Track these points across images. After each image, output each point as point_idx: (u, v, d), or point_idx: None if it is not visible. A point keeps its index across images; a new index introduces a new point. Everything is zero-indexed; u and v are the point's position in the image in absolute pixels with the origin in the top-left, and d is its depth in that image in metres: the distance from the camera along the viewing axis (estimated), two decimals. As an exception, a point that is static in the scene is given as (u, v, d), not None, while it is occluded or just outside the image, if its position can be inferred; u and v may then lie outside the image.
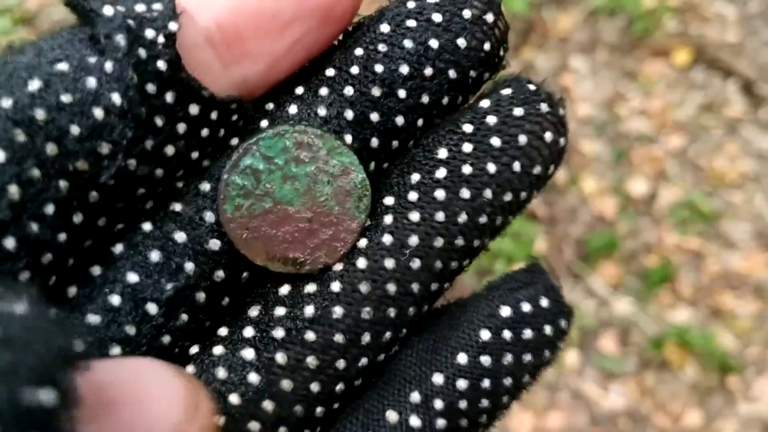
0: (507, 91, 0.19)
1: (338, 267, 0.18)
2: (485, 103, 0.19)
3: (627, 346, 1.08)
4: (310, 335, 0.18)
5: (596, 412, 1.03)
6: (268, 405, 0.17)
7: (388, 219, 0.18)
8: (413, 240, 0.18)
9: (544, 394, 1.03)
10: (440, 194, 0.18)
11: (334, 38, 0.19)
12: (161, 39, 0.17)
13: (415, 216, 0.18)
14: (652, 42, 1.33)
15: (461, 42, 0.19)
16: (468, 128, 0.19)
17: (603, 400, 1.04)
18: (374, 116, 0.19)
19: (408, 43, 0.19)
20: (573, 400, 1.04)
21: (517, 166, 0.19)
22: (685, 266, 1.14)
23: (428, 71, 0.19)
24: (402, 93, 0.19)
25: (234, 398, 0.17)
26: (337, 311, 0.18)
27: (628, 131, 1.24)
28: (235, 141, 0.19)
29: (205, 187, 0.18)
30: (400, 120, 0.19)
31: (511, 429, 1.01)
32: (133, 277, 0.17)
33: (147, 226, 0.18)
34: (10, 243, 0.15)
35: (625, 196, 1.18)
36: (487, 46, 0.19)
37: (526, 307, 0.19)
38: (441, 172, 0.19)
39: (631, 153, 1.22)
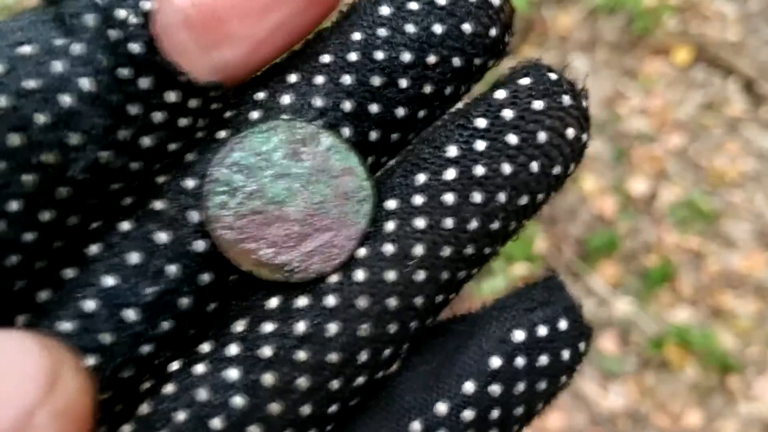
0: (525, 81, 0.18)
1: (334, 279, 0.17)
2: (501, 94, 0.17)
3: (627, 345, 1.08)
4: (301, 354, 0.16)
5: (596, 412, 1.03)
6: (254, 430, 0.16)
7: (390, 225, 0.17)
8: (418, 250, 0.16)
9: (543, 394, 1.03)
10: (449, 198, 0.17)
11: (319, 22, 0.17)
12: (135, 19, 0.15)
13: (420, 223, 0.17)
14: (652, 40, 1.33)
15: (467, 27, 0.17)
16: (481, 123, 0.17)
17: (603, 400, 1.03)
18: (374, 107, 0.17)
19: (410, 28, 0.17)
20: (572, 400, 1.03)
21: (535, 166, 0.17)
22: (685, 266, 1.13)
23: (432, 59, 0.17)
24: (404, 82, 0.17)
25: (217, 423, 0.16)
26: (332, 328, 0.16)
27: (628, 130, 1.24)
28: (222, 134, 0.17)
29: (190, 183, 0.17)
30: (401, 111, 0.17)
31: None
32: (109, 281, 0.16)
33: (125, 226, 0.16)
34: None
35: (625, 196, 1.18)
36: (493, 31, 0.18)
37: (542, 330, 0.17)
38: (450, 173, 0.17)
39: (631, 152, 1.22)
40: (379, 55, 0.17)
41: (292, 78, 0.17)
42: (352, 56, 0.17)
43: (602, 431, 1.02)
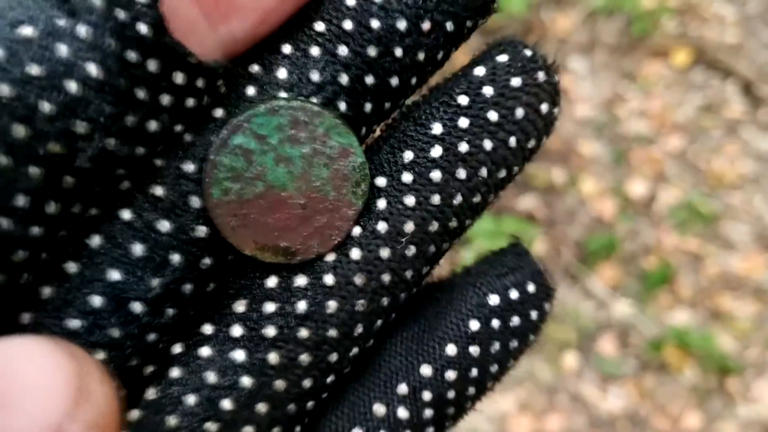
0: (503, 58, 0.18)
1: (330, 258, 0.17)
2: (480, 71, 0.18)
3: (626, 348, 1.08)
4: (303, 332, 0.17)
5: (595, 414, 1.03)
6: (262, 407, 0.16)
7: (381, 204, 0.17)
8: (409, 226, 0.17)
9: (543, 397, 1.03)
10: (436, 175, 0.17)
11: None
12: None
13: (410, 200, 0.17)
14: (651, 43, 1.33)
15: None
16: (463, 100, 0.18)
17: (602, 403, 1.03)
18: (369, 79, 0.17)
19: None
20: (572, 402, 1.03)
21: (513, 141, 0.18)
22: (684, 268, 1.14)
23: (426, 25, 0.17)
24: (398, 51, 0.17)
25: (227, 404, 0.16)
26: (331, 305, 0.17)
27: (627, 132, 1.24)
28: (219, 112, 0.17)
29: (189, 167, 0.16)
30: (394, 81, 0.17)
31: None
32: (114, 275, 0.16)
33: (126, 215, 0.16)
34: None
35: (624, 198, 1.18)
36: None
37: (514, 294, 0.19)
38: (436, 151, 0.17)
39: (630, 154, 1.22)
40: (375, 23, 0.17)
41: (286, 49, 0.17)
42: (347, 24, 0.17)
43: (601, 433, 1.02)
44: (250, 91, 0.17)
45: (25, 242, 0.14)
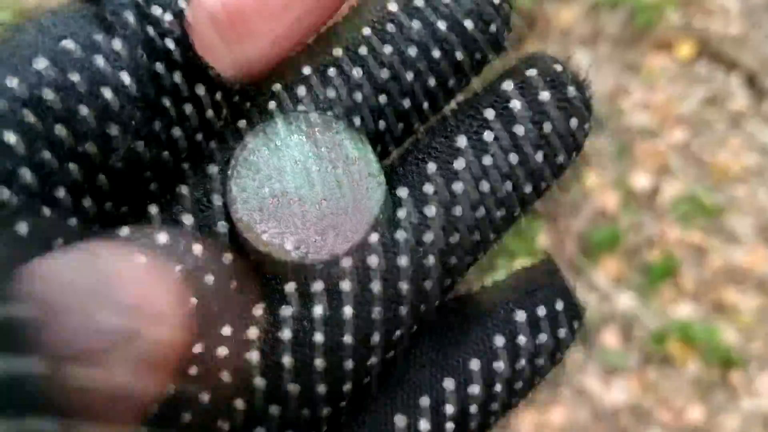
0: (532, 72, 0.18)
1: (348, 263, 0.17)
2: (508, 85, 0.18)
3: (629, 341, 1.08)
4: (318, 337, 0.17)
5: (598, 407, 1.03)
6: (274, 410, 0.17)
7: (402, 213, 0.18)
8: (429, 237, 0.17)
9: (545, 390, 1.03)
10: (458, 187, 0.17)
11: (329, 18, 0.19)
12: (169, 17, 0.17)
13: (431, 211, 0.17)
14: (654, 35, 1.32)
15: (468, 23, 0.18)
16: (490, 114, 0.18)
17: (605, 395, 1.03)
18: (382, 99, 0.18)
19: (416, 24, 0.18)
20: (575, 395, 1.03)
21: (540, 156, 0.18)
22: (687, 261, 1.13)
23: (436, 53, 0.18)
24: (409, 76, 0.18)
25: (239, 404, 0.17)
26: (347, 312, 0.17)
27: (631, 125, 1.23)
28: (242, 123, 0.18)
29: (213, 169, 0.18)
30: (406, 103, 0.18)
31: (513, 426, 1.00)
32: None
33: (153, 210, 0.17)
34: (23, 228, 0.15)
35: (627, 191, 1.18)
36: (493, 27, 0.19)
37: (541, 311, 0.18)
38: (460, 163, 0.18)
39: (633, 147, 1.22)
40: (387, 49, 0.18)
41: (306, 70, 0.18)
42: (362, 50, 0.18)
43: (605, 426, 1.02)
44: (271, 105, 0.18)
45: (63, 232, 0.16)
